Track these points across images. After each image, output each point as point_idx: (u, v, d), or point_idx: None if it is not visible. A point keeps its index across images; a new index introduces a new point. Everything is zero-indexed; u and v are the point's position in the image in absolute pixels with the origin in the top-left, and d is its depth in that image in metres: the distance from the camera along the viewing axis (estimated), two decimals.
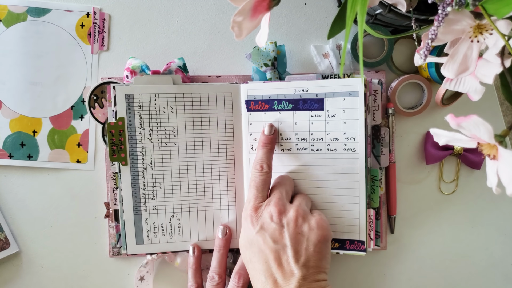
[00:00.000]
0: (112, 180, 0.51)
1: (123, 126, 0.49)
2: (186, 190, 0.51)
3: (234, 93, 0.51)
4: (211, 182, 0.51)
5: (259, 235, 0.43)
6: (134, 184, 0.50)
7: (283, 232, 0.43)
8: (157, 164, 0.50)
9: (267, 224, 0.43)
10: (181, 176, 0.51)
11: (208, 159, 0.51)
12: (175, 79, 0.50)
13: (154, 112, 0.50)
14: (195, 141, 0.51)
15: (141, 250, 0.50)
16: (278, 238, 0.42)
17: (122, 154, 0.49)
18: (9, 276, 0.53)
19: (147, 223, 0.50)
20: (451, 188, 0.55)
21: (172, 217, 0.51)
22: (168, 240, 0.51)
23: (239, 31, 0.35)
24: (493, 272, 0.55)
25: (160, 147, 0.50)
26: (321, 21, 0.54)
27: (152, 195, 0.50)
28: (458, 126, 0.29)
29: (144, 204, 0.50)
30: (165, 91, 0.49)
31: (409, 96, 0.54)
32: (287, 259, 0.42)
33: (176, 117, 0.50)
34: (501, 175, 0.30)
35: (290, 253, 0.42)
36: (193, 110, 0.50)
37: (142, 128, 0.50)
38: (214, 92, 0.50)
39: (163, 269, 0.53)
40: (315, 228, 0.43)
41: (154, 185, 0.50)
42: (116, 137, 0.49)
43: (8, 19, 0.52)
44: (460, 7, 0.29)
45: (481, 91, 0.34)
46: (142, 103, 0.49)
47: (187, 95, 0.50)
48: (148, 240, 0.50)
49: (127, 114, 0.49)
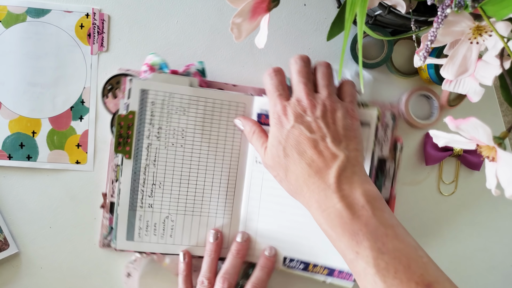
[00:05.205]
0: (113, 171, 0.51)
1: (133, 120, 0.49)
2: (185, 193, 0.51)
3: (248, 104, 0.51)
4: (210, 189, 0.51)
5: (295, 128, 0.43)
6: (134, 180, 0.50)
7: (319, 122, 0.43)
8: (160, 162, 0.50)
9: (301, 117, 0.43)
10: (182, 178, 0.51)
11: (212, 165, 0.51)
12: (193, 81, 0.50)
13: (166, 111, 0.49)
14: (202, 146, 0.51)
15: (130, 246, 0.50)
16: (315, 129, 0.43)
17: (127, 147, 0.49)
18: (8, 277, 0.53)
19: (140, 220, 0.50)
20: (451, 189, 0.55)
21: (167, 217, 0.51)
22: (159, 241, 0.51)
23: (239, 33, 0.35)
24: (493, 273, 0.55)
25: (166, 147, 0.50)
26: (321, 22, 0.54)
27: (150, 193, 0.50)
28: (457, 128, 0.29)
29: (141, 201, 0.50)
30: (180, 92, 0.49)
31: (419, 107, 0.54)
32: (326, 146, 0.42)
33: (187, 119, 0.50)
34: (500, 177, 0.30)
35: (329, 140, 0.42)
36: (205, 115, 0.50)
37: (152, 125, 0.49)
38: (228, 101, 0.50)
39: (151, 268, 0.52)
40: (348, 115, 0.44)
41: (153, 183, 0.50)
42: (124, 130, 0.49)
43: (8, 20, 0.52)
44: (459, 9, 0.29)
45: (480, 92, 0.34)
46: (156, 100, 0.49)
47: (202, 99, 0.50)
48: (139, 238, 0.50)
49: (139, 108, 0.49)
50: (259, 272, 0.49)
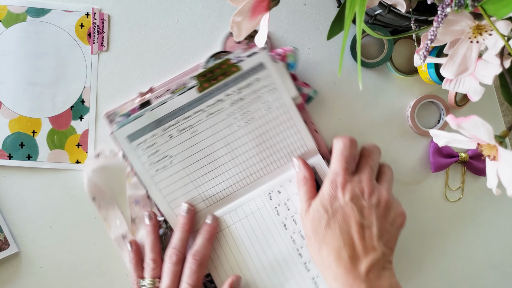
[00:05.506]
0: (168, 88, 0.51)
1: (232, 73, 0.49)
2: (201, 164, 0.50)
3: (310, 150, 0.51)
4: (230, 163, 0.50)
5: (348, 206, 0.45)
6: (179, 110, 0.49)
7: (372, 210, 0.45)
8: (205, 128, 0.50)
9: (357, 199, 0.45)
10: (211, 151, 0.50)
11: (245, 159, 0.51)
12: (297, 98, 0.50)
13: (256, 96, 0.49)
14: (250, 145, 0.51)
15: (124, 145, 0.49)
16: (366, 214, 0.45)
17: (206, 84, 0.49)
18: (8, 277, 0.53)
19: (152, 139, 0.49)
20: (457, 196, 0.55)
21: (171, 162, 0.50)
22: (148, 169, 0.49)
23: (238, 31, 0.35)
24: (493, 272, 0.55)
25: (217, 121, 0.50)
26: (321, 22, 0.54)
27: (177, 134, 0.50)
28: (458, 126, 0.29)
29: (167, 130, 0.49)
30: (282, 94, 0.49)
31: (427, 113, 0.54)
32: (370, 235, 0.44)
33: (261, 117, 0.50)
34: (501, 175, 0.30)
35: (375, 230, 0.44)
36: (270, 123, 0.50)
37: (233, 94, 0.49)
38: (301, 136, 0.51)
39: (112, 169, 0.52)
40: (399, 215, 0.47)
41: (186, 132, 0.50)
42: (219, 72, 0.48)
43: (8, 20, 0.52)
44: (459, 8, 0.29)
45: (480, 91, 0.34)
46: (261, 79, 0.49)
47: (285, 113, 0.50)
48: (136, 147, 0.49)
49: (244, 70, 0.49)
50: (199, 239, 0.49)
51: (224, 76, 0.49)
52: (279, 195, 0.51)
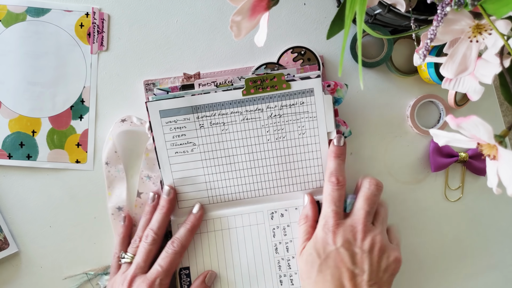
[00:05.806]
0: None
1: (283, 89, 0.49)
2: (227, 161, 0.51)
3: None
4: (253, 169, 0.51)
5: (339, 253, 0.44)
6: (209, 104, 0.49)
7: (364, 257, 0.44)
8: (233, 129, 0.50)
9: (349, 245, 0.44)
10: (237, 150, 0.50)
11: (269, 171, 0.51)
12: (331, 133, 0.51)
13: (288, 118, 0.50)
14: (276, 150, 0.51)
15: (154, 116, 0.49)
16: (358, 262, 0.44)
17: (252, 90, 0.49)
18: (8, 277, 0.53)
19: (184, 122, 0.49)
20: (457, 195, 0.55)
21: (194, 148, 0.50)
22: (170, 148, 0.50)
23: (238, 31, 0.35)
24: (493, 272, 0.55)
25: (244, 128, 0.50)
26: (321, 21, 0.54)
27: (208, 124, 0.50)
28: (458, 127, 0.29)
29: (200, 116, 0.50)
30: (319, 123, 0.50)
31: (427, 113, 0.54)
32: (361, 282, 0.43)
33: (285, 134, 0.51)
34: (501, 175, 0.30)
35: (366, 277, 0.43)
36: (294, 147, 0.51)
37: (265, 113, 0.50)
38: (312, 173, 0.52)
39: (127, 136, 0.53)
40: (393, 261, 0.45)
41: (216, 126, 0.50)
42: (267, 84, 0.49)
43: (7, 19, 0.52)
44: (459, 7, 0.29)
45: (480, 91, 0.34)
46: (298, 100, 0.50)
47: (310, 145, 0.51)
48: (167, 123, 0.49)
49: (293, 90, 0.49)
50: (182, 228, 0.49)
51: (272, 88, 0.49)
52: (280, 218, 0.51)
